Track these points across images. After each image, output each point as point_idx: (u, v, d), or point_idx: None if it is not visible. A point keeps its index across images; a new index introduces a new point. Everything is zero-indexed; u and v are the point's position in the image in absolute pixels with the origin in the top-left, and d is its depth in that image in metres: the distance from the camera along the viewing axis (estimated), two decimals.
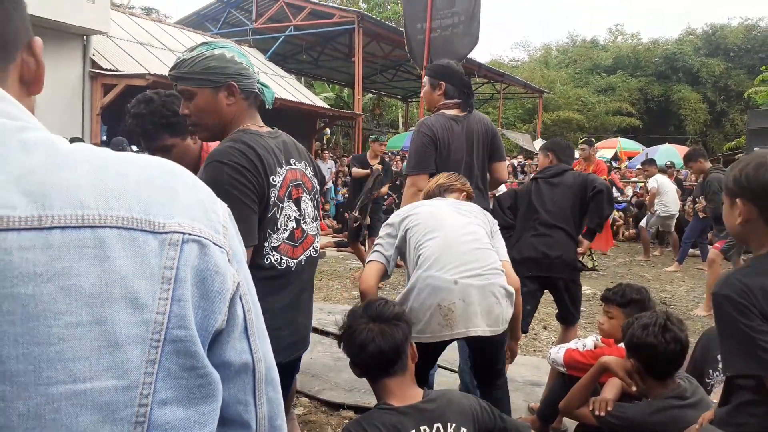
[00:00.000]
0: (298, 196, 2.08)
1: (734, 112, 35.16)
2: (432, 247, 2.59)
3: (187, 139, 2.48)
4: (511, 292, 2.66)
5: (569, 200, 4.06)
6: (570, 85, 36.52)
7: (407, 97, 29.02)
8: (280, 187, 2.00)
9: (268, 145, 2.00)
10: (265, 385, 0.81)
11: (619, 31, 46.21)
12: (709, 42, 38.16)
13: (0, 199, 0.60)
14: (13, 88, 0.74)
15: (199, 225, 0.71)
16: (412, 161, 3.48)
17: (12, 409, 0.59)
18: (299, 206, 2.09)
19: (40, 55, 0.77)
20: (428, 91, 3.59)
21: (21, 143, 0.65)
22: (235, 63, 1.99)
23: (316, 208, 2.17)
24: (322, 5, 19.08)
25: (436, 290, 2.51)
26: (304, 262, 2.12)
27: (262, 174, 1.92)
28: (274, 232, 2.00)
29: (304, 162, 2.15)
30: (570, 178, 4.15)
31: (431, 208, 2.77)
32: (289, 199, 2.04)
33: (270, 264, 1.99)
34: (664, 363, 2.41)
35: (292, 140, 2.18)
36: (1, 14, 0.71)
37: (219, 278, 0.71)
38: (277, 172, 1.99)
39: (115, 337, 0.63)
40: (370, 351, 1.98)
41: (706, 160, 7.41)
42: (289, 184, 2.05)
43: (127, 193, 0.67)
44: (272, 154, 1.99)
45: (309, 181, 2.14)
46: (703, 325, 5.85)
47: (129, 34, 13.92)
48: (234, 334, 0.75)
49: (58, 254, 0.61)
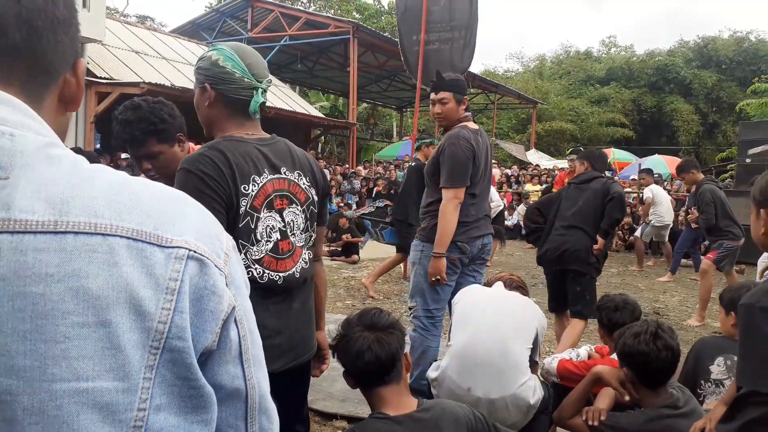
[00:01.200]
0: (282, 207, 2.01)
1: (726, 124, 35.43)
2: (459, 345, 2.92)
3: (174, 146, 2.46)
4: (529, 405, 2.82)
5: (592, 204, 4.64)
6: (564, 96, 36.74)
7: (402, 107, 29.14)
8: (254, 197, 1.93)
9: (249, 153, 1.95)
10: (258, 414, 0.82)
11: (612, 43, 46.55)
12: (701, 54, 38.50)
13: (21, 204, 0.65)
14: (51, 107, 0.77)
15: (203, 246, 0.74)
16: (454, 174, 3.51)
17: (17, 403, 0.62)
18: (283, 217, 2.02)
19: (82, 76, 0.80)
20: (453, 108, 3.64)
21: (47, 156, 0.69)
22: (217, 66, 1.95)
23: (309, 219, 2.09)
24: (317, 15, 19.20)
25: (451, 394, 2.83)
26: (298, 275, 2.06)
27: (230, 182, 1.88)
28: (251, 243, 1.93)
29: (298, 171, 2.07)
30: (597, 184, 4.73)
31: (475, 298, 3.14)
32: (270, 209, 1.97)
33: (251, 277, 1.92)
34: (656, 371, 2.42)
35: (290, 148, 2.12)
36: (50, 41, 0.73)
37: (215, 299, 0.73)
38: (252, 180, 1.93)
39: (117, 340, 0.66)
40: (366, 359, 1.97)
41: (698, 171, 7.45)
42: (271, 193, 1.98)
43: (139, 209, 0.70)
44: (250, 162, 1.94)
45: (302, 192, 2.07)
46: (696, 335, 5.87)
47: (124, 42, 13.94)
48: (226, 357, 0.76)
49: (69, 257, 0.65)
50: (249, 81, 1.96)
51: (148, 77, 12.08)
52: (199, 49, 16.78)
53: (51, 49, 0.73)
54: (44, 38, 0.72)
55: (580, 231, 4.57)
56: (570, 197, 4.75)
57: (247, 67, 1.96)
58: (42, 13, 0.71)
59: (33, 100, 0.73)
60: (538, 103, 29.22)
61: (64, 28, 0.75)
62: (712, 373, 2.89)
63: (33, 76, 0.73)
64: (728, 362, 2.84)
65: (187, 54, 15.73)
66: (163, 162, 2.42)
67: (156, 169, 2.42)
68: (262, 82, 1.99)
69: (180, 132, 2.49)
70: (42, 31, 0.71)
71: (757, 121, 16.36)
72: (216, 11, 20.16)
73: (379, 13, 32.75)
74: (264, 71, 2.03)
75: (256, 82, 1.97)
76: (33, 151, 0.68)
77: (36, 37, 0.71)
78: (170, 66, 14.27)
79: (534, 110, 28.93)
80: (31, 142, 0.69)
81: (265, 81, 2.00)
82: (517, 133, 34.97)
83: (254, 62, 2.00)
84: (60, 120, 0.79)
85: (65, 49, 0.76)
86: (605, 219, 4.59)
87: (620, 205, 4.64)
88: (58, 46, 0.74)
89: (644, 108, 36.93)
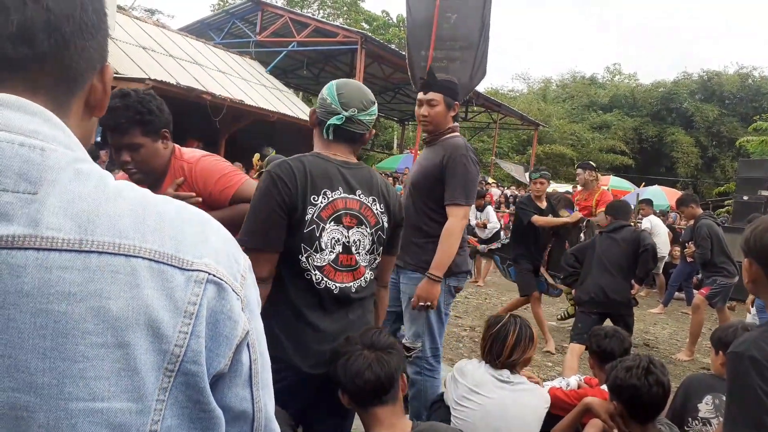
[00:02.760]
0: (351, 225, 2.12)
1: (725, 159, 35.65)
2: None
3: (157, 142, 2.43)
4: None
5: (624, 252, 5.34)
6: (566, 120, 36.90)
7: (404, 120, 29.20)
8: (323, 208, 2.06)
9: (328, 170, 2.10)
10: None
11: (617, 70, 46.86)
12: (704, 87, 38.78)
13: (49, 221, 0.65)
14: (77, 114, 0.77)
15: (222, 269, 0.74)
16: (467, 191, 3.17)
17: (33, 420, 0.63)
18: (349, 234, 2.12)
19: (109, 82, 0.80)
20: (442, 112, 3.24)
21: (75, 172, 0.69)
22: (321, 94, 2.18)
23: (376, 243, 2.19)
24: (326, 24, 19.23)
25: None
26: (354, 290, 2.14)
27: (299, 189, 2.03)
28: (315, 250, 2.04)
29: (374, 197, 2.19)
30: (627, 233, 5.47)
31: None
32: (337, 224, 2.08)
33: (309, 279, 2.05)
34: (647, 405, 2.42)
35: (372, 175, 2.23)
36: (77, 47, 0.72)
37: (230, 324, 0.74)
38: (323, 193, 2.06)
39: (134, 361, 0.66)
40: (366, 378, 1.97)
41: (697, 206, 7.48)
42: (340, 209, 2.10)
43: (162, 230, 0.71)
44: (326, 178, 2.09)
45: (373, 216, 2.17)
46: (685, 369, 5.87)
47: (132, 37, 13.94)
48: (237, 381, 0.76)
49: (92, 276, 0.65)
50: (335, 107, 2.12)
51: (155, 74, 12.07)
52: (206, 48, 16.81)
53: (78, 56, 0.73)
54: (71, 45, 0.71)
55: (619, 278, 5.31)
56: (604, 245, 5.45)
57: (338, 96, 2.13)
58: (70, 19, 0.71)
59: (59, 107, 0.73)
60: (539, 125, 29.33)
61: (92, 33, 0.74)
62: (700, 411, 2.88)
63: (60, 82, 0.73)
64: (716, 401, 2.83)
65: (194, 53, 15.73)
66: (144, 156, 2.39)
67: (135, 163, 2.39)
68: (348, 110, 2.12)
69: (165, 128, 2.46)
70: (69, 37, 0.71)
71: (757, 159, 16.45)
72: (226, 12, 20.21)
73: (387, 25, 32.95)
74: (355, 102, 2.16)
75: (341, 109, 2.12)
76: (62, 167, 0.68)
77: (63, 43, 0.71)
78: (177, 64, 14.27)
79: (535, 132, 29.02)
80: (61, 157, 0.69)
81: (351, 110, 2.13)
82: (517, 153, 35.10)
83: (347, 92, 2.16)
84: (85, 125, 0.79)
85: (92, 55, 0.75)
86: (640, 268, 5.33)
87: (653, 256, 5.47)
88: (84, 53, 0.74)
89: (645, 137, 37.16)
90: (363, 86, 2.25)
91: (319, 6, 35.63)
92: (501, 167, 26.92)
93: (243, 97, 14.15)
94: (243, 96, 14.36)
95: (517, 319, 2.75)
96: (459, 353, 5.89)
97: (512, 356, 2.67)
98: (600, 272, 5.32)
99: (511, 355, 2.67)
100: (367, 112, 2.17)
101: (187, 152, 2.58)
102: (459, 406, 2.65)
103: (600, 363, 3.11)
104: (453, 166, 3.14)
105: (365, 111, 2.17)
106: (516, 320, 2.73)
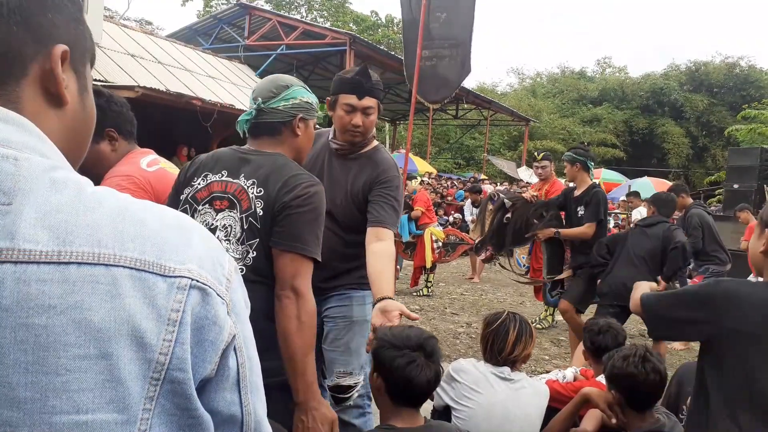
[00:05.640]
0: (221, 208, 2.00)
1: (715, 148, 35.83)
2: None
3: (101, 143, 2.31)
4: None
5: (653, 247, 5.12)
6: (556, 115, 36.97)
7: (395, 120, 29.21)
8: (199, 190, 2.05)
9: (222, 157, 2.10)
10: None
11: (607, 64, 46.99)
12: (692, 78, 38.96)
13: (26, 233, 0.63)
14: (33, 104, 0.72)
15: (206, 274, 0.72)
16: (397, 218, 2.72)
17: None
18: (218, 217, 2.00)
19: (57, 64, 0.73)
20: (374, 122, 2.79)
21: (51, 182, 0.67)
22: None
23: (247, 230, 1.97)
24: (314, 26, 19.23)
25: None
26: None
27: (189, 173, 2.10)
28: None
29: (254, 180, 2.00)
30: (660, 229, 5.19)
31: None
32: (209, 206, 2.01)
33: None
34: (644, 393, 2.45)
35: (275, 161, 2.04)
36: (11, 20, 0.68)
37: (215, 329, 0.72)
38: (204, 176, 2.06)
39: (118, 372, 0.65)
40: (425, 389, 1.96)
41: (687, 196, 7.55)
42: (215, 192, 2.02)
43: (143, 237, 0.69)
44: (217, 162, 2.09)
45: (247, 200, 1.98)
46: (680, 358, 5.91)
47: (120, 45, 13.90)
48: (224, 385, 0.75)
49: (72, 288, 0.64)
50: (250, 104, 2.12)
51: (143, 81, 12.03)
52: (195, 54, 16.76)
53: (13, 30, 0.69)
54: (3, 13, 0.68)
55: (642, 272, 4.93)
56: (635, 238, 5.27)
57: (251, 94, 2.12)
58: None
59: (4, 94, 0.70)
60: (530, 121, 29.38)
61: (20, 11, 0.69)
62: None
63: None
64: None
65: (183, 59, 15.69)
66: (89, 157, 2.31)
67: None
68: (256, 102, 2.08)
69: (112, 128, 2.32)
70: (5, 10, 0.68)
71: (746, 148, 16.56)
72: (213, 17, 20.18)
73: (375, 25, 32.93)
74: (262, 91, 2.10)
75: (251, 103, 2.11)
76: (37, 176, 0.66)
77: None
78: (166, 71, 14.23)
79: (526, 128, 29.07)
80: (35, 166, 0.67)
81: (258, 101, 2.08)
82: (509, 149, 35.12)
83: (257, 86, 2.14)
84: (50, 117, 0.74)
85: (25, 34, 0.70)
86: (668, 266, 5.05)
87: (683, 255, 5.09)
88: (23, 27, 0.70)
89: (636, 129, 37.29)
90: (281, 76, 2.19)
91: (307, 10, 35.59)
92: (493, 164, 26.96)
93: (233, 102, 14.13)
94: (233, 101, 14.33)
95: (516, 315, 2.77)
96: (456, 350, 5.93)
97: (513, 352, 2.68)
98: (624, 265, 5.12)
99: (513, 351, 2.68)
100: (279, 98, 2.08)
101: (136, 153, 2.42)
102: (460, 406, 2.64)
103: (594, 356, 3.14)
104: (391, 186, 2.67)
105: (276, 97, 2.08)
106: (515, 316, 2.75)
